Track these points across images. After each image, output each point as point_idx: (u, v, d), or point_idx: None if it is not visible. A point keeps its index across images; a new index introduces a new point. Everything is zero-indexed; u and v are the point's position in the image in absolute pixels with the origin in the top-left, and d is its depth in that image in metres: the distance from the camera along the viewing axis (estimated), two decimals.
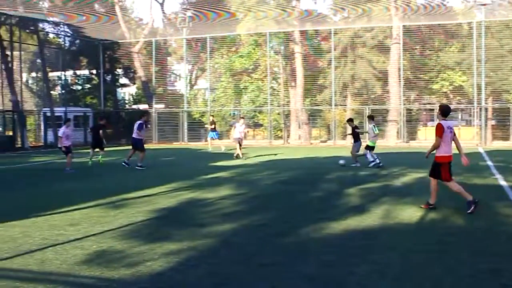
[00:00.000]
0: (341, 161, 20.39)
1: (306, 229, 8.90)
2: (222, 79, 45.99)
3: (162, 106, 45.27)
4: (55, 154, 27.68)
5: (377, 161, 19.71)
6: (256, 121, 46.00)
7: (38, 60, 45.59)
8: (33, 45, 43.18)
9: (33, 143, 39.60)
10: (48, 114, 39.68)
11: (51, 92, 44.70)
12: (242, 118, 26.53)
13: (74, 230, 8.97)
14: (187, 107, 43.73)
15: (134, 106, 51.44)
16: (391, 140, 37.86)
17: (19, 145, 35.96)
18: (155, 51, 44.54)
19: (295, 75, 42.07)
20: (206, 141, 36.22)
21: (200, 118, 44.69)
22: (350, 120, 21.52)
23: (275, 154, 20.99)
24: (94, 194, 13.30)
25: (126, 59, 46.97)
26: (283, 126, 42.80)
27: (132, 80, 52.34)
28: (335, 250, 7.57)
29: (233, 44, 45.65)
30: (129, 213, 10.58)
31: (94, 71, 49.50)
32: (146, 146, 21.82)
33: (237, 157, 24.88)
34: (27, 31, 41.66)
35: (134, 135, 20.74)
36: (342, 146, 36.48)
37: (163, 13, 52.42)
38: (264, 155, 27.06)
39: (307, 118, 41.70)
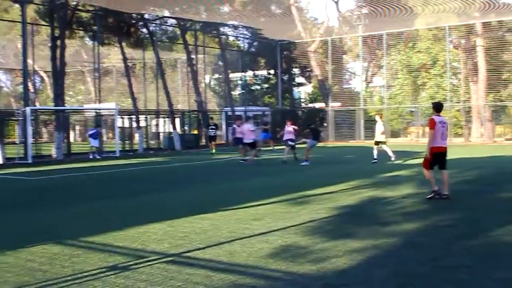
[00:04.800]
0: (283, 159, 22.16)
1: (496, 232, 8.43)
2: (399, 76, 45.00)
3: (338, 104, 45.41)
4: (235, 151, 28.84)
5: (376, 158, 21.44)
6: None
7: (220, 62, 48.00)
8: (216, 48, 45.51)
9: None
10: (229, 113, 41.53)
11: (232, 92, 46.76)
12: (289, 120, 24.67)
13: (258, 224, 9.29)
14: (363, 105, 43.43)
15: (310, 105, 52.12)
16: None
17: (203, 143, 38.00)
18: (331, 49, 44.79)
19: (476, 70, 40.06)
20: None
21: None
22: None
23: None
24: (276, 190, 13.71)
25: (303, 59, 47.79)
26: (464, 123, 40.95)
27: (308, 79, 53.14)
28: None
29: (410, 39, 44.45)
30: (311, 209, 10.74)
31: (271, 71, 50.97)
32: (323, 144, 22.41)
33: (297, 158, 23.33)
34: (210, 35, 43.96)
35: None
36: None
37: (338, 11, 52.56)
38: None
39: (490, 114, 39.44)
